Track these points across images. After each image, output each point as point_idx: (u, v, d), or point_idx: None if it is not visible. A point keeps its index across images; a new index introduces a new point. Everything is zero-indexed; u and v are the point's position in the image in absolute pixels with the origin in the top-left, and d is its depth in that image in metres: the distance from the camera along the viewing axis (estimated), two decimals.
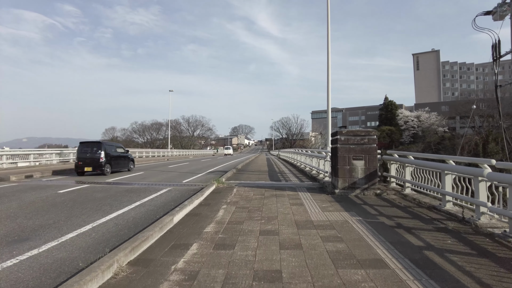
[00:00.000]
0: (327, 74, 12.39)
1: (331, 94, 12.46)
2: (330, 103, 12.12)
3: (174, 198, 8.10)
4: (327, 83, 12.44)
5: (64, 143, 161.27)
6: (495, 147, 62.87)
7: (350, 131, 7.97)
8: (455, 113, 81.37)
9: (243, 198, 7.45)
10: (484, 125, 72.70)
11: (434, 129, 79.59)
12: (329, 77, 12.44)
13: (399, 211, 5.99)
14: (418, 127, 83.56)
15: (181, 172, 15.33)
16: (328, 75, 12.44)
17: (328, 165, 10.13)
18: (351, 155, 7.85)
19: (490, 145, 62.84)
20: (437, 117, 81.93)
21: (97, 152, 14.50)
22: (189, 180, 11.87)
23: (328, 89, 12.45)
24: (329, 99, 12.28)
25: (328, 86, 12.46)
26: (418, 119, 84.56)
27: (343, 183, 7.83)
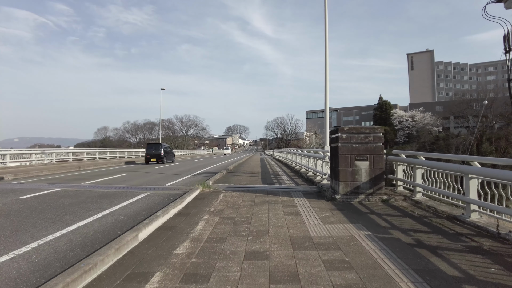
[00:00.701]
0: (324, 71, 11.42)
1: (328, 91, 11.49)
2: (328, 99, 11.14)
3: (151, 205, 7.03)
4: (325, 79, 11.47)
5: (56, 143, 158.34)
6: (489, 147, 62.87)
7: (353, 127, 6.98)
8: (449, 113, 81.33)
9: (230, 206, 6.41)
10: (478, 125, 72.71)
11: (428, 129, 79.56)
12: (327, 72, 11.47)
13: (414, 222, 5.01)
14: (412, 127, 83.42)
15: (167, 174, 14.24)
16: (326, 70, 11.47)
17: (327, 166, 9.14)
18: (354, 155, 6.86)
19: (484, 145, 62.80)
20: (431, 117, 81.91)
21: (158, 149, 23.58)
22: (173, 183, 10.79)
23: (326, 84, 11.47)
24: (327, 95, 11.30)
25: (326, 81, 11.48)
26: (412, 119, 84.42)
27: (345, 187, 6.83)
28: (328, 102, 11.14)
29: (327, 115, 11.09)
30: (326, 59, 11.43)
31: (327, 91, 11.31)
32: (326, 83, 11.42)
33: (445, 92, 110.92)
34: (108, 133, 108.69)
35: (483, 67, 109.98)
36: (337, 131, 7.06)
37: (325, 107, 11.24)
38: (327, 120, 11.09)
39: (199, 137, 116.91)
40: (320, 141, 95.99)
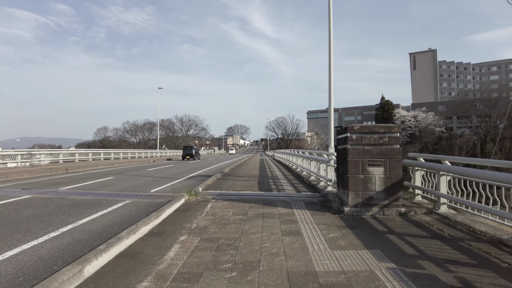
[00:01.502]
0: (328, 69, 10.33)
1: (333, 89, 10.38)
2: (332, 97, 10.03)
3: (124, 218, 5.92)
4: (329, 77, 10.36)
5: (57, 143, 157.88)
6: (492, 148, 61.61)
7: (365, 126, 5.85)
8: (452, 113, 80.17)
9: (217, 221, 5.29)
10: (482, 125, 71.52)
11: (431, 129, 78.51)
12: (331, 70, 10.36)
13: (448, 248, 3.88)
14: (415, 127, 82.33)
15: (156, 177, 13.13)
16: (330, 68, 10.36)
17: (332, 171, 8.02)
18: (366, 159, 5.74)
19: (488, 146, 61.60)
20: (434, 117, 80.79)
21: (191, 150, 34.42)
22: (159, 189, 9.67)
23: (330, 82, 10.36)
24: (331, 93, 10.18)
25: (330, 79, 10.37)
26: (415, 119, 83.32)
27: (355, 198, 5.71)
28: (333, 100, 10.03)
29: (331, 114, 9.97)
30: (331, 55, 10.32)
31: (331, 89, 10.21)
32: (331, 81, 10.31)
33: (447, 92, 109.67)
34: (107, 133, 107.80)
35: (487, 66, 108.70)
36: (345, 131, 5.93)
37: (329, 106, 10.12)
38: (331, 119, 9.97)
39: (200, 137, 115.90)
40: (321, 142, 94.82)
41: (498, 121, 72.24)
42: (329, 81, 10.31)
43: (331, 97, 10.10)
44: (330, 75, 10.31)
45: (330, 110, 10.04)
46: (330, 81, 10.29)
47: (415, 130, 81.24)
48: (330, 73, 10.32)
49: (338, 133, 6.53)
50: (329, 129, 9.86)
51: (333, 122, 9.58)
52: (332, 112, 9.98)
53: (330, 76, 10.31)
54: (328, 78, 10.35)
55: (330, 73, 10.32)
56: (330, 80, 10.28)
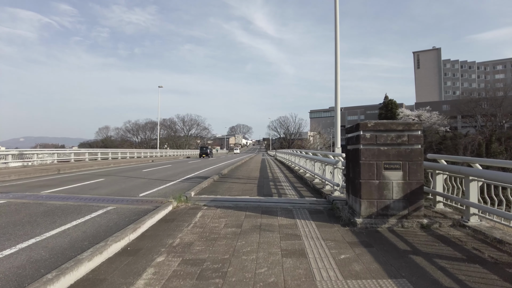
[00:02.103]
0: (335, 62, 9.45)
1: (339, 85, 9.52)
2: (338, 93, 9.18)
3: (99, 230, 5.09)
4: (335, 70, 9.50)
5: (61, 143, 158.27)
6: (498, 147, 60.52)
7: (380, 123, 4.99)
8: (457, 112, 79.07)
9: (204, 235, 4.46)
10: (487, 124, 70.33)
11: (435, 128, 77.49)
12: (338, 63, 9.51)
13: (496, 278, 3.02)
14: None
15: (149, 179, 12.32)
16: (336, 61, 9.51)
17: (339, 174, 7.16)
18: (382, 162, 4.88)
19: (493, 145, 60.46)
20: (438, 116, 79.70)
21: (207, 150, 44.37)
22: (148, 193, 8.85)
23: (337, 76, 9.50)
24: (338, 88, 9.33)
25: (337, 73, 9.52)
26: (419, 118, 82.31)
27: (368, 207, 4.85)
28: (339, 97, 9.16)
29: (338, 111, 9.10)
30: (337, 51, 9.48)
31: (338, 85, 9.37)
32: (337, 77, 9.47)
33: (452, 91, 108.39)
34: (109, 133, 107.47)
35: (492, 65, 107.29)
36: (357, 129, 5.08)
37: (336, 102, 9.26)
38: (337, 116, 9.10)
39: (202, 137, 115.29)
40: (324, 141, 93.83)
41: (504, 121, 71.09)
42: (335, 77, 9.46)
43: (338, 94, 9.24)
44: (337, 70, 9.46)
45: (336, 106, 9.17)
46: (336, 77, 9.44)
47: None
48: (336, 68, 9.47)
49: (348, 131, 5.67)
50: (335, 127, 8.99)
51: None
52: (338, 109, 9.11)
53: (336, 71, 9.46)
54: (335, 74, 9.50)
55: (337, 69, 9.47)
56: (337, 75, 9.44)
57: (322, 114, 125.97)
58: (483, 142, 61.87)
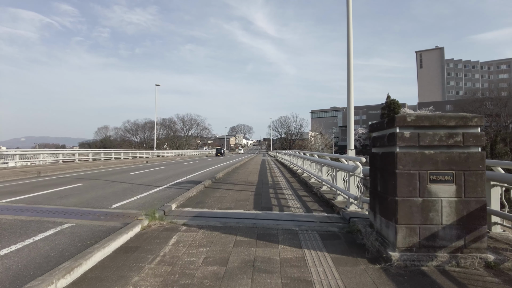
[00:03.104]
0: (347, 55, 8.01)
1: (352, 76, 8.10)
2: (352, 84, 7.73)
3: (28, 266, 3.65)
4: (348, 62, 8.02)
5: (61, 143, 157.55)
6: (503, 148, 59.02)
7: (424, 116, 3.53)
8: (461, 112, 77.65)
9: (171, 280, 3.02)
10: (491, 125, 68.87)
11: None
12: (350, 54, 8.08)
13: None
14: None
15: (133, 184, 10.87)
16: (349, 52, 8.04)
17: (356, 183, 5.70)
18: (427, 171, 3.44)
19: (498, 146, 58.97)
20: None
21: (221, 150, 62.96)
22: (124, 203, 7.41)
23: (350, 65, 8.07)
24: (351, 80, 7.89)
25: (350, 63, 8.08)
26: None
27: (408, 236, 3.41)
28: (352, 90, 7.72)
29: (351, 106, 7.63)
30: (350, 41, 8.06)
31: (351, 78, 7.95)
32: (350, 67, 8.06)
33: (455, 91, 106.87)
34: (108, 133, 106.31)
35: (495, 65, 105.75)
36: (391, 124, 3.63)
37: (349, 98, 7.81)
38: (351, 112, 7.63)
39: (203, 136, 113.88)
40: (325, 142, 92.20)
41: (509, 121, 69.57)
42: (348, 71, 8.05)
43: (351, 89, 7.80)
44: (349, 63, 8.05)
45: (349, 103, 7.69)
46: (349, 70, 8.03)
47: None
48: (349, 61, 8.06)
49: (374, 128, 4.22)
50: (348, 127, 7.55)
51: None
52: (352, 106, 7.62)
53: (349, 64, 8.06)
54: (347, 69, 8.11)
55: (349, 62, 8.06)
56: (349, 68, 8.03)
57: (323, 114, 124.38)
58: (488, 142, 60.45)
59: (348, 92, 7.90)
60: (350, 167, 5.39)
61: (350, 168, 5.41)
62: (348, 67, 8.10)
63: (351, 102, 7.69)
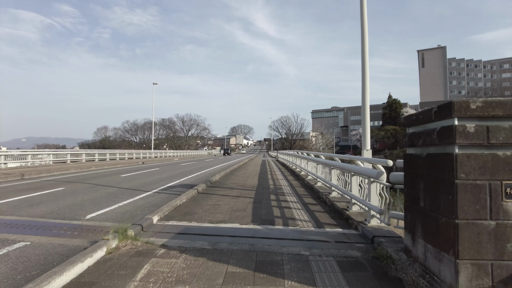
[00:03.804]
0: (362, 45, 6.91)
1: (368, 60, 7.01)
2: (367, 70, 6.65)
3: None
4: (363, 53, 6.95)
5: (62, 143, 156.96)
6: None
7: (497, 101, 2.45)
8: None
9: None
10: None
11: None
12: (366, 42, 6.93)
13: None
14: None
15: (119, 189, 9.80)
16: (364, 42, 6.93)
17: (377, 191, 4.61)
18: (501, 181, 2.37)
19: None
20: None
21: (228, 150, 79.24)
22: (102, 213, 6.34)
23: (365, 53, 6.97)
24: (366, 68, 6.81)
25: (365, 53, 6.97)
26: None
27: (475, 277, 2.33)
28: (368, 76, 6.63)
29: (367, 100, 6.53)
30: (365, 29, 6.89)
31: (366, 67, 6.87)
32: (365, 56, 6.96)
33: (457, 90, 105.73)
34: (108, 133, 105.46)
35: (498, 64, 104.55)
36: (446, 112, 2.55)
37: (364, 90, 6.71)
38: (367, 109, 6.53)
39: (203, 137, 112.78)
40: (327, 142, 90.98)
41: None
42: (363, 60, 6.98)
43: (366, 78, 6.72)
44: (364, 52, 6.96)
45: (364, 95, 6.57)
46: (364, 60, 6.95)
47: None
48: (364, 49, 6.97)
49: (412, 121, 3.14)
50: (364, 124, 6.45)
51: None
52: (367, 97, 6.49)
53: (364, 53, 6.96)
54: (362, 58, 7.05)
55: (364, 49, 6.97)
56: (365, 58, 6.95)
57: (324, 114, 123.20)
58: None
59: (363, 86, 6.81)
60: (373, 172, 4.30)
61: (371, 173, 4.32)
62: (363, 61, 7.03)
63: (367, 96, 6.58)
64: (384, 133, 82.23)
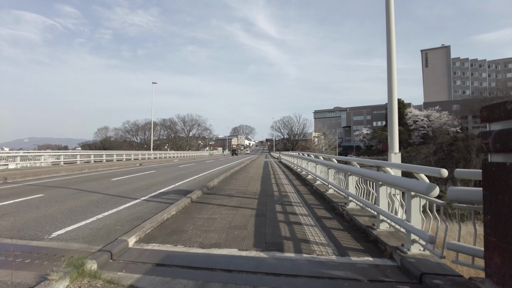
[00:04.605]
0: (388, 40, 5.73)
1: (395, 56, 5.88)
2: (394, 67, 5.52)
3: None
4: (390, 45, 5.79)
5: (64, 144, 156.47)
6: None
7: None
8: (468, 112, 75.33)
9: None
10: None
11: (445, 129, 73.98)
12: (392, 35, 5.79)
13: None
14: (428, 127, 77.85)
15: (105, 195, 8.70)
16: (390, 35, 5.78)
17: (420, 208, 3.48)
18: None
19: None
20: (448, 117, 76.01)
21: (236, 151, 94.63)
22: (76, 228, 5.24)
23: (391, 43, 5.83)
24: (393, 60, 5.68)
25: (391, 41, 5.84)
26: (428, 119, 78.73)
27: None
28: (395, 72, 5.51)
29: (394, 94, 5.42)
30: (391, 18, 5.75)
31: (393, 58, 5.75)
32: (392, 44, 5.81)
33: (461, 90, 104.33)
34: (108, 133, 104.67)
35: (503, 63, 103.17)
36: None
37: (391, 84, 5.59)
38: (394, 104, 5.42)
39: (204, 137, 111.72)
40: (329, 142, 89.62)
41: None
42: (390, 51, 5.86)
43: (393, 73, 5.61)
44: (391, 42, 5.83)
45: (392, 87, 5.49)
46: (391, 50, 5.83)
47: (428, 130, 76.72)
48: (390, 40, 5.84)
49: (497, 113, 2.03)
50: (391, 120, 5.34)
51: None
52: (395, 90, 5.39)
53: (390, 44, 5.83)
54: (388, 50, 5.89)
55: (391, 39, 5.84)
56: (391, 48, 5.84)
57: (326, 114, 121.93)
58: None
59: (389, 84, 5.70)
60: (419, 185, 3.12)
61: (417, 186, 3.17)
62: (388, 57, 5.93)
63: (394, 93, 5.46)
64: None
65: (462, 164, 56.58)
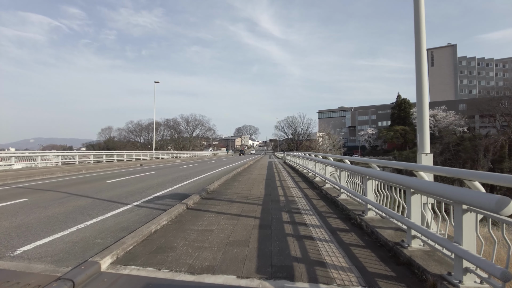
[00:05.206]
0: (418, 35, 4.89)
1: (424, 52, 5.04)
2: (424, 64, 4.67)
3: None
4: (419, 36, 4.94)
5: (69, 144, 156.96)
6: None
7: None
8: (475, 111, 73.90)
9: None
10: (510, 124, 64.98)
11: (452, 129, 72.68)
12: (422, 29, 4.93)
13: None
14: (434, 127, 76.60)
15: (96, 200, 7.94)
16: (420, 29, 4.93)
17: (477, 229, 2.65)
18: None
19: None
20: (455, 116, 74.67)
21: (243, 151, 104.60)
22: (50, 241, 4.45)
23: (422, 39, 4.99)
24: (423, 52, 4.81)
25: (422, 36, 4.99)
26: (434, 118, 77.51)
27: None
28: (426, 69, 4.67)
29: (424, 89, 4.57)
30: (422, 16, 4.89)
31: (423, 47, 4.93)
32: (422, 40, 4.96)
33: (468, 89, 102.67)
34: (112, 134, 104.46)
35: (511, 62, 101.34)
36: None
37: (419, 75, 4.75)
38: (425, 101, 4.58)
39: (208, 137, 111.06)
40: (334, 142, 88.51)
41: None
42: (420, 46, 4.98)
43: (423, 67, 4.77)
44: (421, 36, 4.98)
45: (421, 84, 4.64)
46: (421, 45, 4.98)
47: (434, 130, 75.48)
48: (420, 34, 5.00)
49: None
50: (420, 118, 4.51)
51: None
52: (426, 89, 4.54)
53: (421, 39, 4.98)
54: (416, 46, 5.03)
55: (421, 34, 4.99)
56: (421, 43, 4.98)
57: (331, 114, 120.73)
58: (506, 143, 56.77)
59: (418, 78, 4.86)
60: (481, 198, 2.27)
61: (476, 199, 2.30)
62: (418, 51, 5.07)
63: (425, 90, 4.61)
64: (393, 133, 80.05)
65: (469, 164, 55.36)
